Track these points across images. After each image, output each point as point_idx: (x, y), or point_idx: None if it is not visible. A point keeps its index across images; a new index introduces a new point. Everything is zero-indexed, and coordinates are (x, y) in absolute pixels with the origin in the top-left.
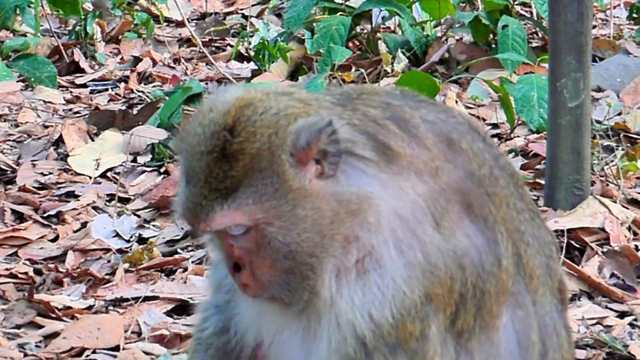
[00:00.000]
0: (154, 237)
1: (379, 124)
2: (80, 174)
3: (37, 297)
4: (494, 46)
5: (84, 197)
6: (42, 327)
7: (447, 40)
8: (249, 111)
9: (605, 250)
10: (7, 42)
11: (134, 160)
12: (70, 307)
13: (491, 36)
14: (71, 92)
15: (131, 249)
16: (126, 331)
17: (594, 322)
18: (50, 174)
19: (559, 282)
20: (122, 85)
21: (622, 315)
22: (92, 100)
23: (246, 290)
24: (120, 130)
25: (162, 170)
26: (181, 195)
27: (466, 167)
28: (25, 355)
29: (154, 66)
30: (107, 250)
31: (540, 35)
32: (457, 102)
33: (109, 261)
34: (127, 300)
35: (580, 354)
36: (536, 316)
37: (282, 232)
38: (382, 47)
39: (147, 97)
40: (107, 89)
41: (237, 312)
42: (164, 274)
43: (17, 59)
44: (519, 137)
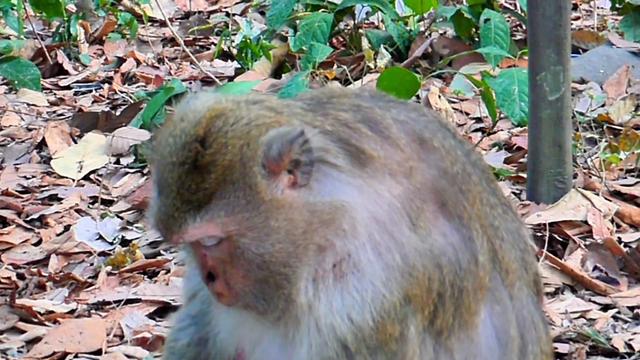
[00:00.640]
0: (136, 239)
1: (351, 128)
2: (63, 177)
3: (19, 302)
4: (477, 40)
5: (67, 200)
6: (24, 332)
7: (430, 34)
8: (220, 122)
9: (588, 243)
10: None
11: (117, 162)
12: (52, 312)
13: (474, 30)
14: (55, 94)
15: (114, 252)
16: (108, 334)
17: (577, 315)
18: (33, 177)
19: (534, 274)
20: (106, 86)
21: (605, 308)
22: (76, 102)
23: (221, 299)
24: (103, 131)
25: (145, 171)
26: (153, 206)
27: (439, 165)
28: None
29: (137, 66)
30: (90, 253)
31: (524, 28)
32: (440, 96)
33: (92, 264)
34: (109, 303)
35: (563, 348)
36: (514, 310)
37: (255, 243)
38: (365, 43)
39: (131, 98)
40: (91, 91)
41: (215, 323)
42: (146, 276)
43: (1, 62)
44: (502, 130)
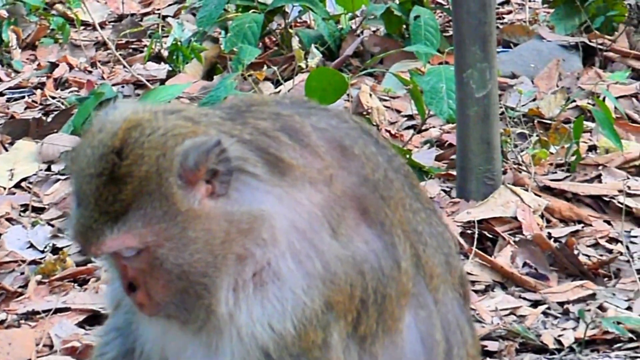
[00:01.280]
0: (67, 246)
1: (270, 137)
2: None
3: None
4: (408, 37)
5: None
6: None
7: (361, 33)
8: (137, 133)
9: (517, 239)
10: None
11: (48, 169)
12: None
13: (405, 27)
14: None
15: (44, 260)
16: (38, 345)
17: (507, 312)
18: None
19: (459, 277)
20: (39, 92)
21: (535, 304)
22: (8, 109)
23: (142, 309)
24: (35, 138)
25: None
26: (72, 217)
27: (360, 172)
28: None
29: (70, 71)
30: (21, 262)
31: None
32: (371, 95)
33: (23, 273)
34: (38, 313)
35: (493, 346)
36: (439, 315)
37: (173, 254)
38: (295, 42)
39: (63, 103)
40: (23, 97)
41: (141, 333)
42: (77, 284)
43: None
44: (434, 127)
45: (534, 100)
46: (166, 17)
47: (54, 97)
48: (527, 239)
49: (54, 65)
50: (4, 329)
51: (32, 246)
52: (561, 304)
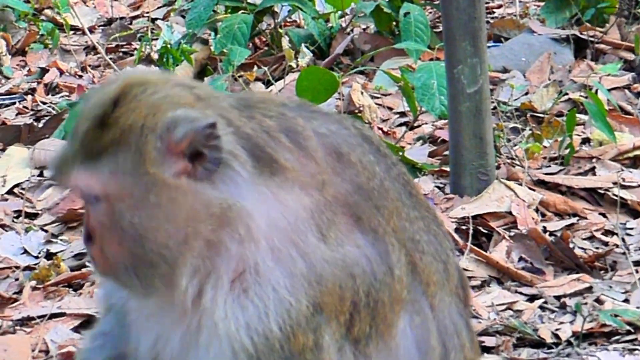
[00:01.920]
0: (61, 251)
1: (271, 136)
2: None
3: None
4: (398, 34)
5: None
6: None
7: (352, 31)
8: (139, 89)
9: (512, 234)
10: None
11: (40, 174)
12: None
13: (395, 24)
14: None
15: (39, 266)
16: (33, 350)
17: (504, 307)
18: None
19: (459, 282)
20: (30, 97)
21: (531, 298)
22: None
23: (96, 266)
24: (26, 144)
25: None
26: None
27: (354, 180)
28: None
29: (61, 76)
30: (15, 268)
31: None
32: (362, 93)
33: (17, 279)
34: (33, 318)
35: (490, 341)
36: (435, 321)
37: (131, 212)
38: (285, 42)
39: (54, 108)
40: (14, 103)
41: (134, 335)
42: (71, 289)
43: None
44: (426, 124)
45: (526, 94)
46: (155, 19)
47: (45, 103)
48: (522, 234)
49: (44, 70)
50: (0, 335)
51: (26, 252)
52: (558, 297)
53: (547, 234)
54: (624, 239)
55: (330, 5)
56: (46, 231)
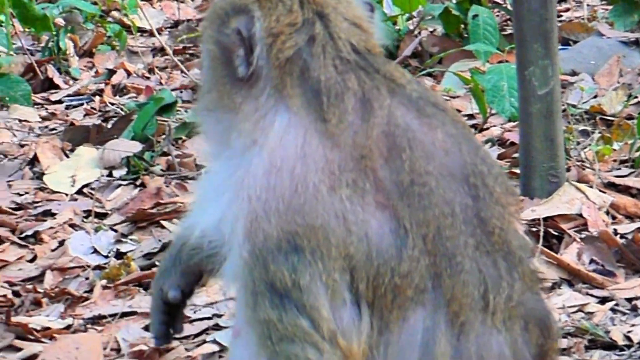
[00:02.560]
0: (131, 251)
1: (340, 91)
2: (56, 192)
3: (14, 319)
4: (466, 36)
5: (60, 215)
6: (20, 349)
7: (419, 33)
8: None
9: (583, 236)
10: None
11: (110, 174)
12: (48, 328)
13: (463, 27)
14: (47, 109)
15: (109, 265)
16: (105, 349)
17: (575, 309)
18: (26, 193)
19: (507, 312)
20: (97, 98)
21: (603, 301)
22: (67, 116)
23: None
24: (95, 144)
25: (137, 183)
26: None
27: (394, 175)
28: None
29: (128, 77)
30: (85, 267)
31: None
32: None
33: (87, 278)
34: (105, 317)
35: (561, 343)
36: (449, 337)
37: None
38: None
39: (122, 109)
40: (82, 104)
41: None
42: (142, 288)
43: None
44: (495, 126)
45: (595, 97)
46: None
47: (113, 104)
48: (593, 236)
49: (111, 71)
50: (71, 333)
51: (95, 251)
52: (629, 300)
53: (618, 236)
54: None
55: (397, 7)
56: (116, 231)
